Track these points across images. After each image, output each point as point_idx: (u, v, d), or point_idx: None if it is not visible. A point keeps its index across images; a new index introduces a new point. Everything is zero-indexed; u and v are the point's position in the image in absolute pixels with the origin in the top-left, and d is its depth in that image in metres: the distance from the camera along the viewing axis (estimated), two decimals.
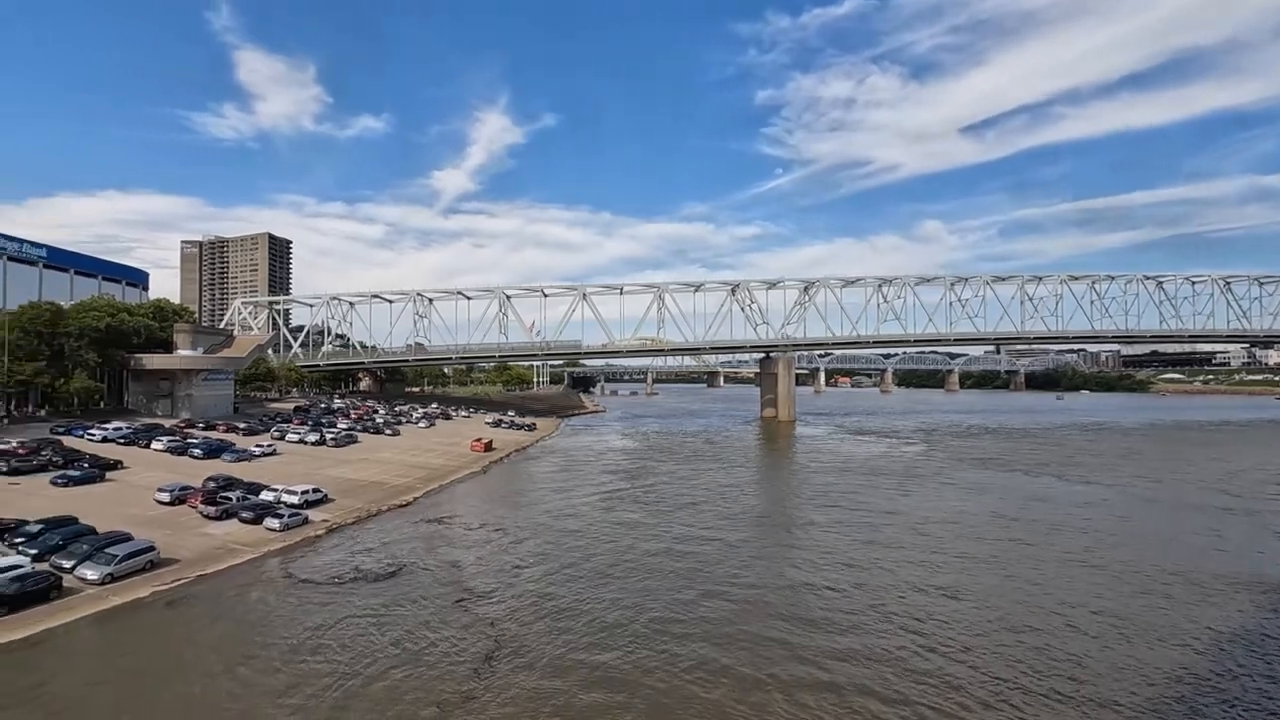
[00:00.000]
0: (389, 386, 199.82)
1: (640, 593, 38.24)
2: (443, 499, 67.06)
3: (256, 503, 54.48)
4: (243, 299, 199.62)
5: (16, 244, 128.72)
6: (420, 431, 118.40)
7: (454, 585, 39.19)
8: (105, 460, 64.41)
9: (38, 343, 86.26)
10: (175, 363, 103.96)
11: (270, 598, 37.15)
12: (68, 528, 43.29)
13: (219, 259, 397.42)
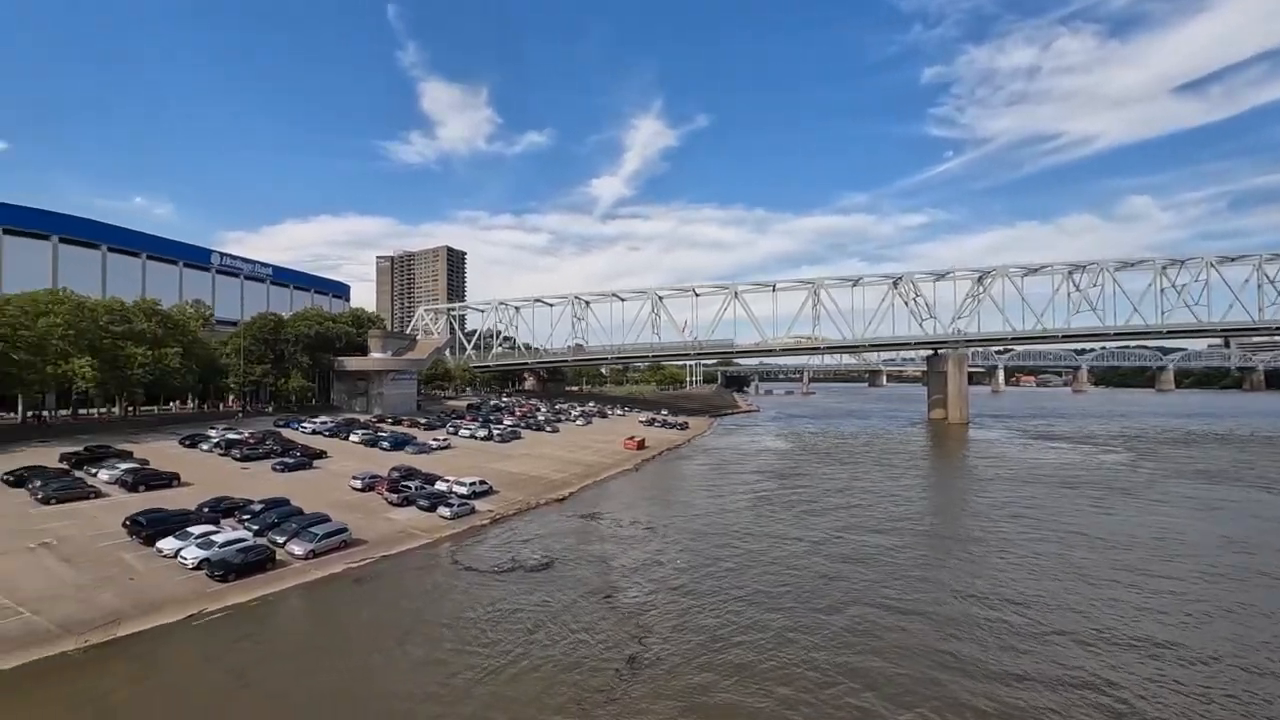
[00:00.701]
0: (550, 385, 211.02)
1: (786, 599, 36.69)
2: (596, 495, 69.19)
3: (431, 492, 59.48)
4: (425, 306, 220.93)
5: (251, 265, 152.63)
6: (578, 429, 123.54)
7: (602, 580, 40.10)
8: (313, 450, 73.82)
9: (264, 348, 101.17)
10: (369, 364, 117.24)
11: (439, 581, 40.30)
12: (281, 508, 49.94)
13: (406, 271, 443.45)
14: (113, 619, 33.79)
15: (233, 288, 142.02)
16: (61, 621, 32.76)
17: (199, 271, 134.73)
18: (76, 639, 31.57)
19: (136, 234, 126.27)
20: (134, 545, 42.16)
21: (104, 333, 74.57)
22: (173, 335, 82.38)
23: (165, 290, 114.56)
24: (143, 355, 75.62)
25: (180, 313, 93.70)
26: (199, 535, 42.05)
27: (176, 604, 35.83)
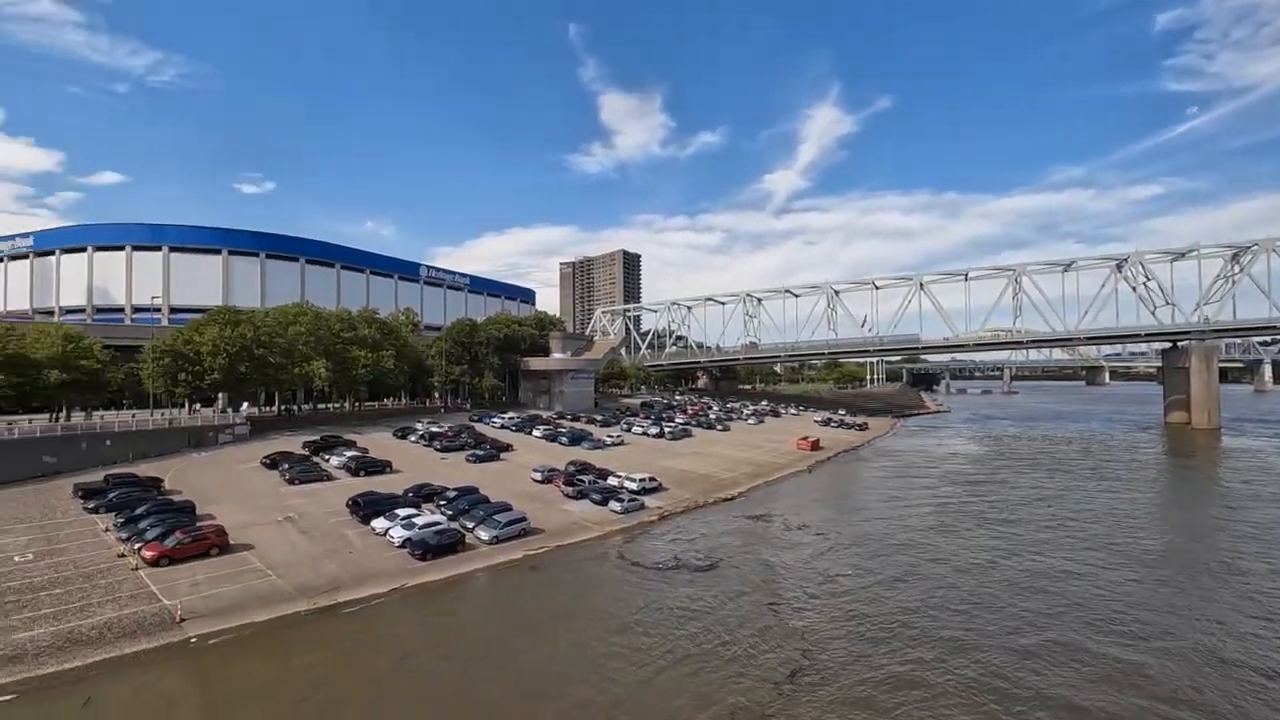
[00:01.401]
0: (723, 384, 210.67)
1: (967, 627, 32.80)
2: (766, 495, 67.50)
3: (604, 487, 61.69)
4: (602, 308, 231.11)
5: (451, 275, 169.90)
6: (749, 428, 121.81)
7: (766, 587, 38.79)
8: (501, 443, 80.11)
9: (462, 350, 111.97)
10: (549, 364, 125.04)
11: (607, 573, 41.54)
12: (471, 496, 54.59)
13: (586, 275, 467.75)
14: (334, 586, 38.95)
15: (437, 296, 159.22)
16: (297, 585, 38.39)
17: (410, 283, 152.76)
18: (307, 601, 36.80)
19: (362, 253, 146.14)
20: (354, 523, 48.36)
21: (336, 339, 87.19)
22: (388, 340, 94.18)
23: (384, 300, 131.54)
24: (365, 357, 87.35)
25: (394, 320, 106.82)
26: (404, 517, 47.25)
27: (385, 577, 40.49)
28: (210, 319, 75.24)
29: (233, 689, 27.33)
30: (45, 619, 32.28)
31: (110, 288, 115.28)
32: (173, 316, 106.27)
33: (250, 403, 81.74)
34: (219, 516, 46.64)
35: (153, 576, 37.42)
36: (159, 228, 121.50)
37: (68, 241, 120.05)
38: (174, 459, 59.84)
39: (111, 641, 31.03)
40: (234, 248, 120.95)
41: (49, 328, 65.82)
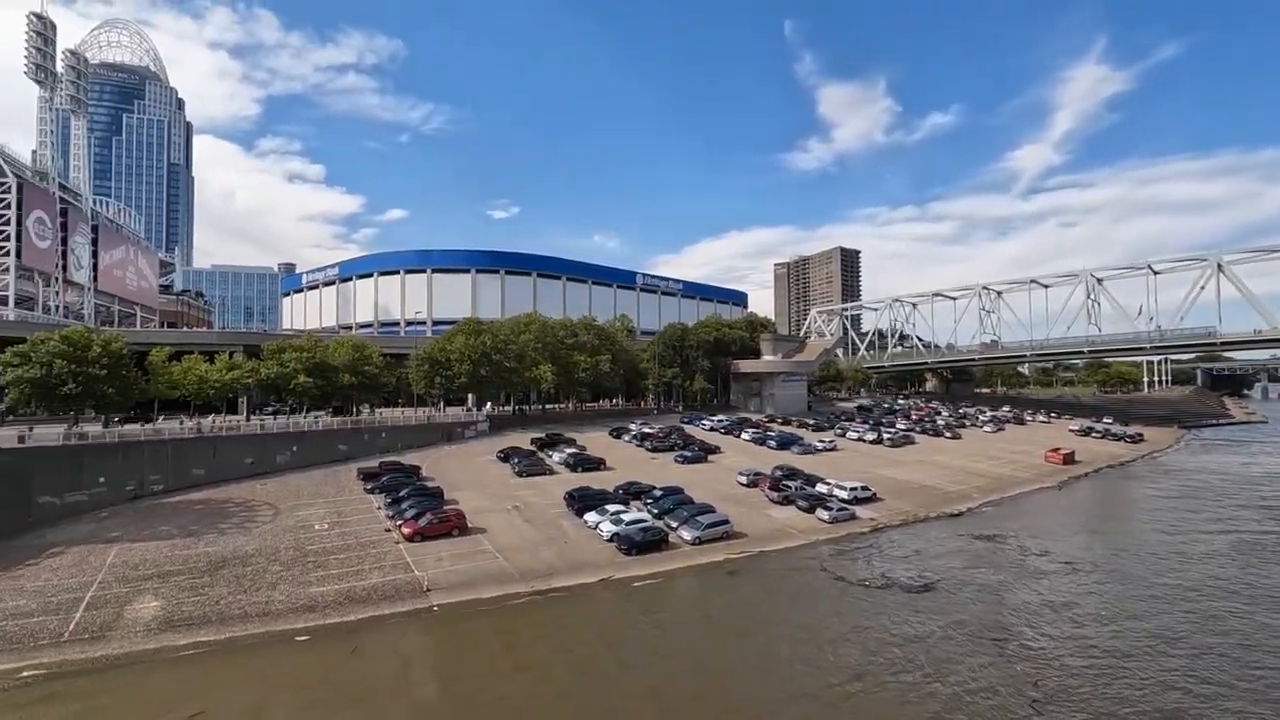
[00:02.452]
0: (955, 387, 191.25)
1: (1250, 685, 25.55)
2: (1001, 513, 59.72)
3: (811, 493, 59.28)
4: (817, 308, 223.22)
5: (665, 282, 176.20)
6: (985, 436, 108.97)
7: (993, 617, 34.12)
8: (709, 445, 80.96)
9: (673, 354, 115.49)
10: (759, 366, 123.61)
11: (808, 585, 39.74)
12: (676, 496, 55.83)
13: (801, 275, 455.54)
14: (550, 572, 42.27)
15: (652, 302, 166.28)
16: (520, 568, 42.34)
17: (627, 291, 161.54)
18: (526, 583, 40.39)
19: (584, 265, 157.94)
20: (569, 515, 52.07)
21: (560, 345, 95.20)
22: (605, 345, 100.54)
23: (604, 308, 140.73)
24: (585, 361, 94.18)
25: (611, 326, 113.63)
26: (613, 512, 49.83)
27: (594, 568, 43.03)
28: (458, 330, 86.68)
29: (465, 653, 30.90)
30: (332, 578, 39.34)
31: (390, 305, 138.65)
32: (435, 328, 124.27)
33: (492, 402, 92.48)
34: (461, 502, 53.17)
35: (409, 550, 43.76)
36: (424, 253, 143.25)
37: (359, 270, 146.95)
38: (430, 450, 69.83)
39: (376, 602, 36.86)
40: (479, 266, 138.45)
41: (344, 340, 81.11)
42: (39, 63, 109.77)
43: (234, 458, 58.10)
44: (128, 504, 49.90)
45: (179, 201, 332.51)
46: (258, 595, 36.75)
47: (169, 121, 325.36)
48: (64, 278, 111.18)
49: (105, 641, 31.46)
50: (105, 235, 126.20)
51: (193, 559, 40.81)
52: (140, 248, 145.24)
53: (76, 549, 41.74)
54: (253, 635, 32.69)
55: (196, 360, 69.86)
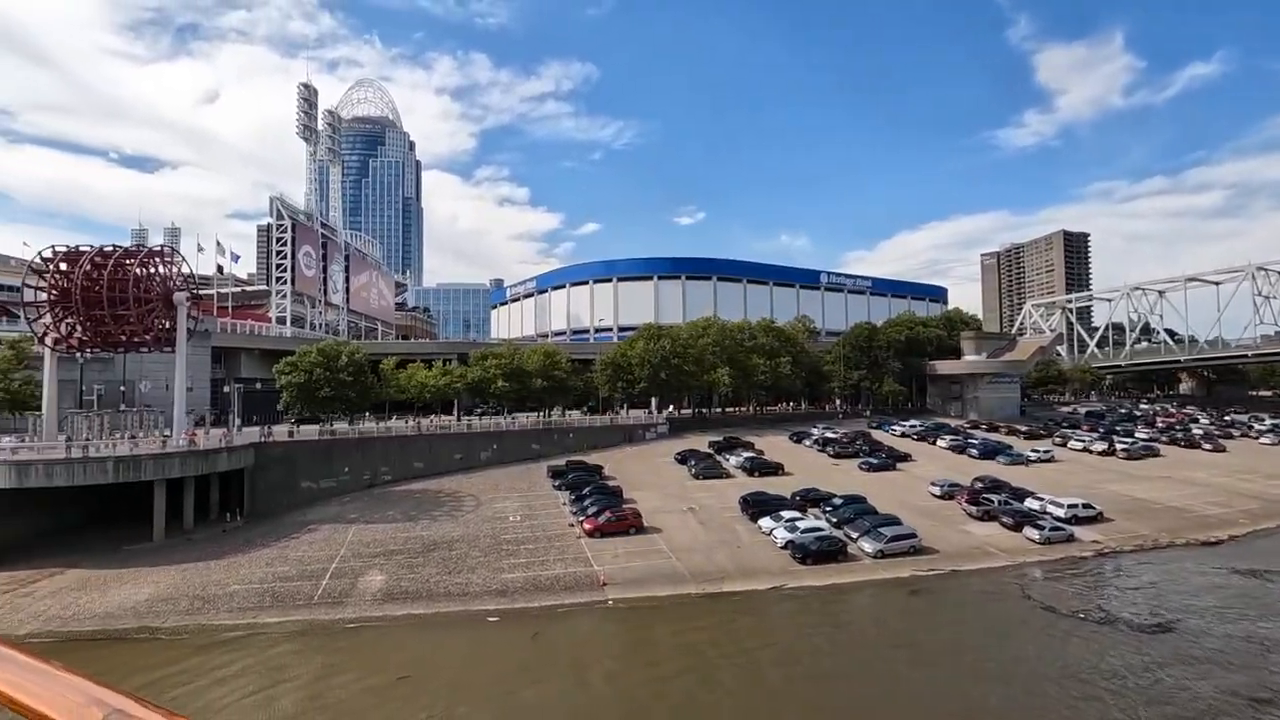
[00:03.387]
0: (1220, 390, 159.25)
1: None
2: (1276, 545, 48.54)
3: (1019, 509, 52.82)
4: (1032, 302, 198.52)
5: (852, 280, 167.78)
6: (1261, 449, 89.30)
7: (1250, 671, 27.75)
8: (898, 452, 75.52)
9: (860, 355, 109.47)
10: (960, 367, 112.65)
11: (1006, 612, 35.46)
12: (858, 505, 52.86)
13: (1014, 266, 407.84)
14: (722, 575, 42.21)
15: (837, 302, 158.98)
16: (692, 570, 42.81)
17: (810, 290, 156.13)
18: (697, 585, 40.73)
19: (765, 266, 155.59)
20: (744, 519, 51.57)
21: (738, 347, 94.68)
22: (784, 347, 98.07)
23: (786, 309, 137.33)
24: (763, 364, 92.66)
25: (791, 328, 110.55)
26: (788, 519, 48.52)
27: (766, 574, 42.22)
28: (639, 335, 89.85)
29: (633, 649, 31.99)
30: (521, 566, 42.80)
31: (580, 313, 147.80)
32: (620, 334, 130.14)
33: (674, 405, 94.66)
34: (639, 501, 55.00)
35: (589, 545, 46.22)
36: (610, 263, 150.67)
37: (553, 282, 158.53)
38: (613, 451, 73.13)
39: (557, 592, 39.44)
40: (661, 273, 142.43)
41: (537, 347, 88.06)
42: (306, 124, 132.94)
43: (446, 453, 65.56)
44: (364, 490, 58.48)
45: (411, 230, 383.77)
46: (459, 577, 41.10)
47: (403, 162, 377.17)
48: (325, 300, 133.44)
49: (342, 606, 37.16)
50: (355, 263, 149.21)
51: (410, 541, 46.72)
52: (380, 271, 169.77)
53: (326, 527, 49.79)
54: (453, 612, 36.64)
55: (418, 367, 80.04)
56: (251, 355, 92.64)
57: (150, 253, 54.55)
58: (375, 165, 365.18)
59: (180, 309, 52.47)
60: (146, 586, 38.93)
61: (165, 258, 54.60)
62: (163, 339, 53.35)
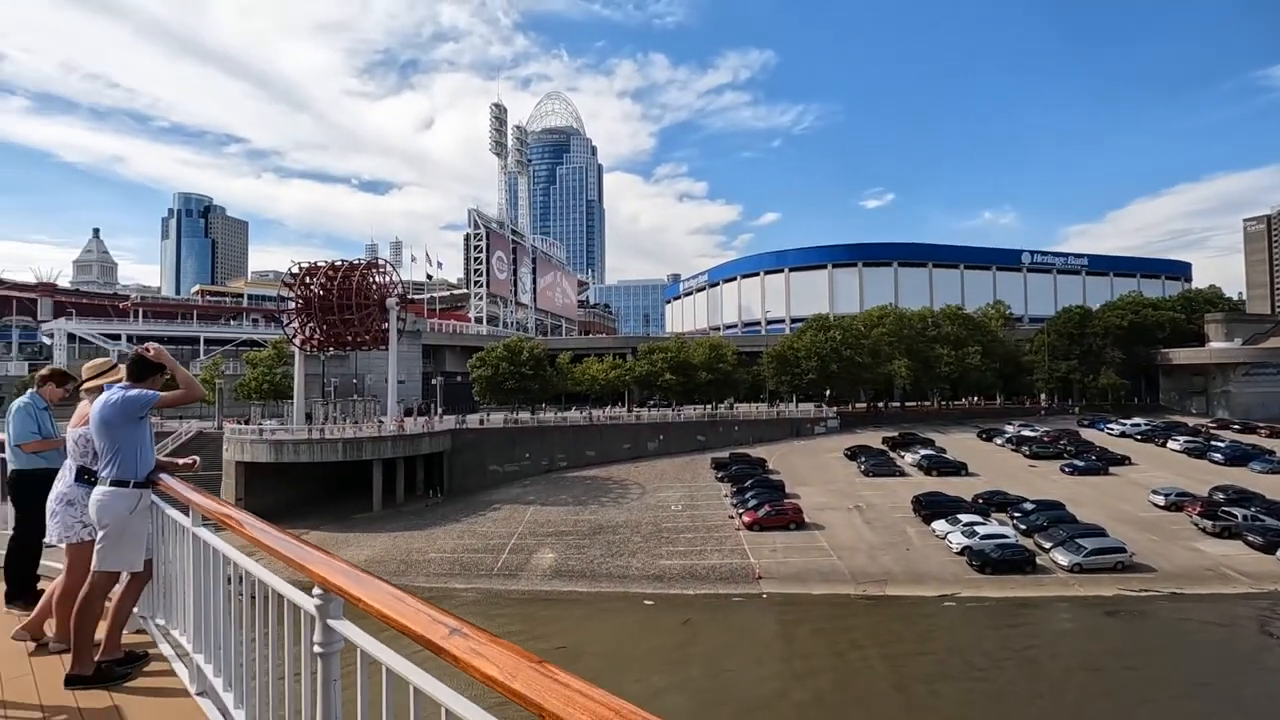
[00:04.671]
0: None
1: None
2: None
3: (1273, 527, 43.78)
4: None
5: (1063, 259, 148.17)
6: None
7: None
8: (1113, 454, 65.77)
9: (1069, 343, 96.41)
10: (1202, 356, 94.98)
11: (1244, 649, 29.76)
12: (1054, 511, 47.20)
13: None
14: (885, 578, 40.14)
15: (1044, 284, 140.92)
16: (852, 569, 41.20)
17: (1010, 273, 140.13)
18: (856, 586, 39.13)
19: (953, 248, 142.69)
20: (915, 521, 48.39)
21: (919, 337, 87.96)
22: (973, 336, 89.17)
23: (980, 294, 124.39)
24: (947, 355, 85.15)
25: (982, 314, 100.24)
26: (966, 523, 44.74)
27: (936, 581, 39.43)
28: (806, 326, 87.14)
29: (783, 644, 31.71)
30: (679, 554, 44.05)
31: (751, 305, 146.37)
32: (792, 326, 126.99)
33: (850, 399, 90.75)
34: (802, 497, 53.78)
35: (747, 538, 46.24)
36: (781, 254, 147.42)
37: (724, 275, 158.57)
38: (778, 444, 71.83)
39: (712, 581, 40.11)
40: (836, 261, 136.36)
41: (702, 340, 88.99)
42: (497, 140, 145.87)
43: (616, 443, 68.90)
44: (542, 475, 63.41)
45: (594, 230, 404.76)
46: (620, 560, 43.31)
47: (586, 167, 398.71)
48: (515, 300, 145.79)
49: (516, 579, 40.96)
50: (541, 264, 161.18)
51: (579, 523, 50.00)
52: (564, 272, 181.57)
53: (508, 507, 54.86)
54: (612, 593, 38.81)
55: (592, 361, 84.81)
56: (454, 351, 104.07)
57: (368, 265, 63.71)
58: (561, 172, 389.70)
59: (391, 312, 60.72)
60: (366, 549, 45.83)
61: (380, 269, 63.43)
62: (380, 339, 62.04)
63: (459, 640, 2.04)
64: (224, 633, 4.22)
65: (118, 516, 4.91)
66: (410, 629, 2.22)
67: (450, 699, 2.09)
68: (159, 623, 5.64)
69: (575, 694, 1.69)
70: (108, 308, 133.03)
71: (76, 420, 5.53)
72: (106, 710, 4.46)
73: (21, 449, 6.21)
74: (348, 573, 2.78)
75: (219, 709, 4.23)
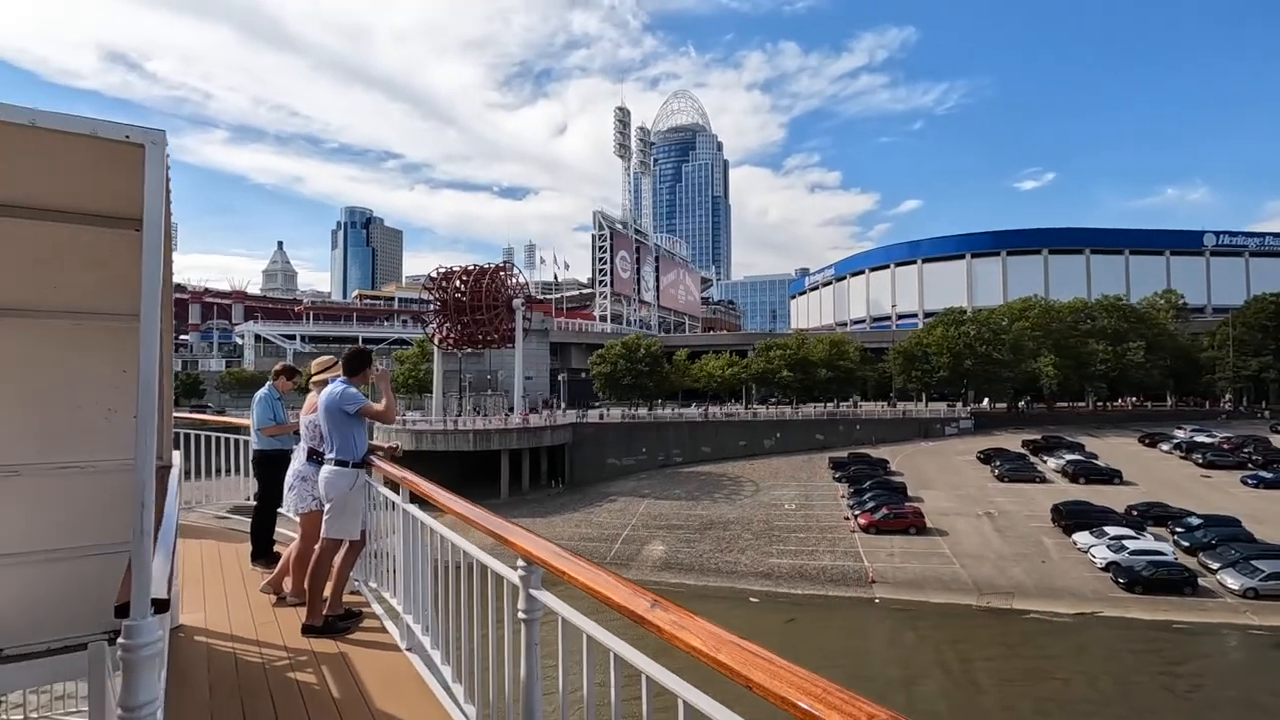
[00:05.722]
0: None
1: None
2: None
3: None
4: None
5: (1258, 239, 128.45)
6: None
7: None
8: None
9: (1260, 337, 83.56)
10: None
11: None
12: (1225, 528, 41.72)
13: None
14: (1013, 591, 37.48)
15: (1231, 269, 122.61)
16: (976, 579, 38.85)
17: (1187, 257, 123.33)
18: (979, 597, 36.88)
19: (1116, 231, 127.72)
20: (1054, 532, 44.59)
21: (1069, 331, 79.92)
22: (1135, 329, 79.55)
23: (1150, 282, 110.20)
24: (1102, 351, 76.65)
25: (1148, 305, 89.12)
26: (1113, 536, 40.72)
27: (1074, 597, 36.30)
28: (937, 320, 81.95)
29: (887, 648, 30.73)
30: (789, 554, 43.62)
31: (880, 299, 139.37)
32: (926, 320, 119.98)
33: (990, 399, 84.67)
34: (926, 501, 51.11)
35: (862, 540, 44.85)
36: (913, 244, 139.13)
37: (851, 268, 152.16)
38: (903, 445, 68.34)
39: (821, 583, 39.43)
40: (975, 250, 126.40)
41: (823, 336, 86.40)
42: (621, 142, 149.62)
43: (731, 439, 68.92)
44: (657, 469, 64.77)
45: (720, 226, 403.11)
46: (729, 556, 43.62)
47: (712, 163, 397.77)
48: (638, 298, 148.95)
49: (627, 569, 42.39)
50: (664, 263, 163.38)
51: (691, 518, 50.80)
52: (687, 269, 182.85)
53: (623, 499, 56.71)
54: (719, 588, 39.29)
55: (709, 358, 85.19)
56: (580, 349, 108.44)
57: (497, 269, 68.22)
58: (687, 169, 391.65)
59: (517, 313, 64.64)
60: None
61: (507, 272, 67.72)
62: (508, 337, 66.28)
63: (660, 613, 2.20)
64: (429, 597, 4.75)
65: (340, 491, 5.66)
66: (613, 600, 2.41)
67: (649, 666, 2.25)
68: (371, 585, 6.39)
69: (779, 669, 1.77)
70: (286, 311, 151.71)
71: (306, 409, 6.40)
72: (334, 656, 5.17)
73: (262, 433, 7.31)
74: (549, 548, 3.04)
75: (425, 663, 4.79)
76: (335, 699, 4.56)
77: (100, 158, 2.78)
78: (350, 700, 4.50)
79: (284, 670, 5.00)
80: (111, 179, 3.02)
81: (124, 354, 4.22)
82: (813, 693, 1.64)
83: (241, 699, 4.50)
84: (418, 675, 4.78)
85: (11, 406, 4.38)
